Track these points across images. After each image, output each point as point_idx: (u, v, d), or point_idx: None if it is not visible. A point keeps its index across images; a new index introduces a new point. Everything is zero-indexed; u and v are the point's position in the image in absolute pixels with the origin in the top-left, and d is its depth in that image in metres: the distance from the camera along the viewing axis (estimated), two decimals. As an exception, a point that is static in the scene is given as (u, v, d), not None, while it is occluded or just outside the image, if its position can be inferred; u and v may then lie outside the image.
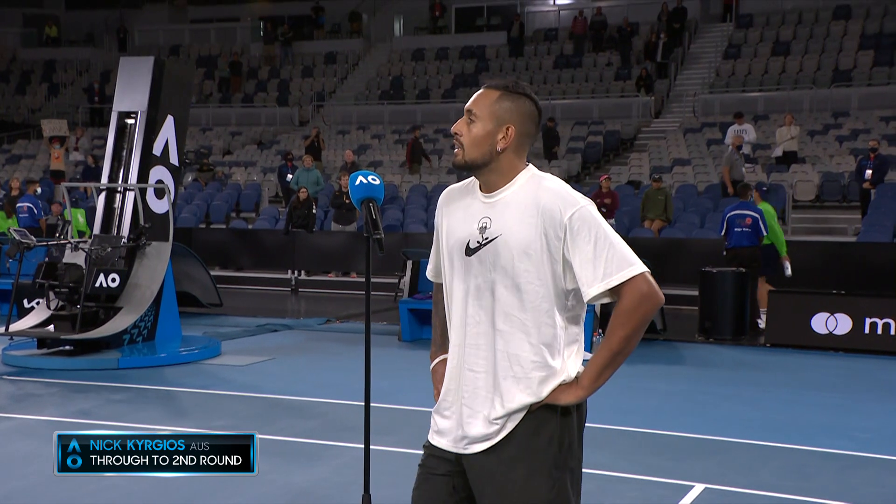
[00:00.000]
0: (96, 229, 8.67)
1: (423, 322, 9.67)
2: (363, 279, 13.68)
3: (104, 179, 8.79)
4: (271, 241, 14.84)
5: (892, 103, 18.94)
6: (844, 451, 5.64)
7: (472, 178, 2.47)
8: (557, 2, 26.80)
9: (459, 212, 2.43)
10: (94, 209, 8.98)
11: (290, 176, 16.60)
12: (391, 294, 12.56)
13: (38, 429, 5.93)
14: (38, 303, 9.06)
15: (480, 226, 2.36)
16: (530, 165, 2.42)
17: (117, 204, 8.69)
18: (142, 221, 8.46)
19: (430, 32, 27.73)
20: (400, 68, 25.76)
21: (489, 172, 2.38)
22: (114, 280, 8.24)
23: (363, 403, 2.86)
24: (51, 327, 8.27)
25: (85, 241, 8.52)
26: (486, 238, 2.34)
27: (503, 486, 2.32)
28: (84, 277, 8.14)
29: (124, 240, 8.47)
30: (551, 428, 2.33)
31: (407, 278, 10.23)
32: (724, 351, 9.38)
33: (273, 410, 6.54)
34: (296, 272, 14.68)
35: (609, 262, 2.26)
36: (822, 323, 9.31)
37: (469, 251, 2.37)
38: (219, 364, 8.28)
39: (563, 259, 2.31)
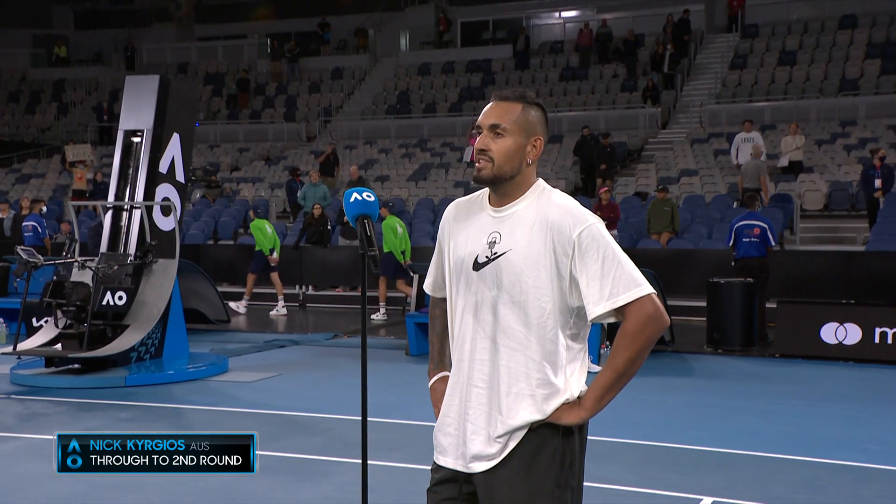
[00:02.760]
0: (103, 247, 8.70)
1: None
2: (372, 293, 13.63)
3: (111, 197, 8.83)
4: (280, 257, 14.81)
5: (900, 111, 18.89)
6: (856, 463, 5.58)
7: (481, 191, 2.45)
8: (563, 14, 26.87)
9: (468, 226, 2.42)
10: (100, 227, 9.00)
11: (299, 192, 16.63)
12: (398, 308, 12.56)
13: (45, 448, 5.91)
14: (45, 321, 9.09)
15: (490, 240, 2.35)
16: (540, 179, 2.41)
17: (124, 222, 8.73)
18: (148, 239, 8.49)
19: (436, 47, 27.81)
20: (406, 83, 25.85)
21: (511, 186, 2.36)
22: (121, 298, 8.27)
23: (373, 419, 2.84)
24: (58, 346, 8.29)
25: (92, 260, 8.55)
26: (495, 253, 2.33)
27: (505, 506, 2.30)
28: (91, 296, 8.17)
29: (131, 257, 8.49)
30: (553, 447, 2.31)
31: (414, 292, 10.21)
32: (732, 362, 9.32)
33: (280, 427, 6.52)
34: (304, 287, 14.69)
35: (616, 281, 2.25)
36: (831, 333, 9.25)
37: (477, 266, 2.36)
38: (226, 381, 8.28)
39: (569, 276, 2.29)
